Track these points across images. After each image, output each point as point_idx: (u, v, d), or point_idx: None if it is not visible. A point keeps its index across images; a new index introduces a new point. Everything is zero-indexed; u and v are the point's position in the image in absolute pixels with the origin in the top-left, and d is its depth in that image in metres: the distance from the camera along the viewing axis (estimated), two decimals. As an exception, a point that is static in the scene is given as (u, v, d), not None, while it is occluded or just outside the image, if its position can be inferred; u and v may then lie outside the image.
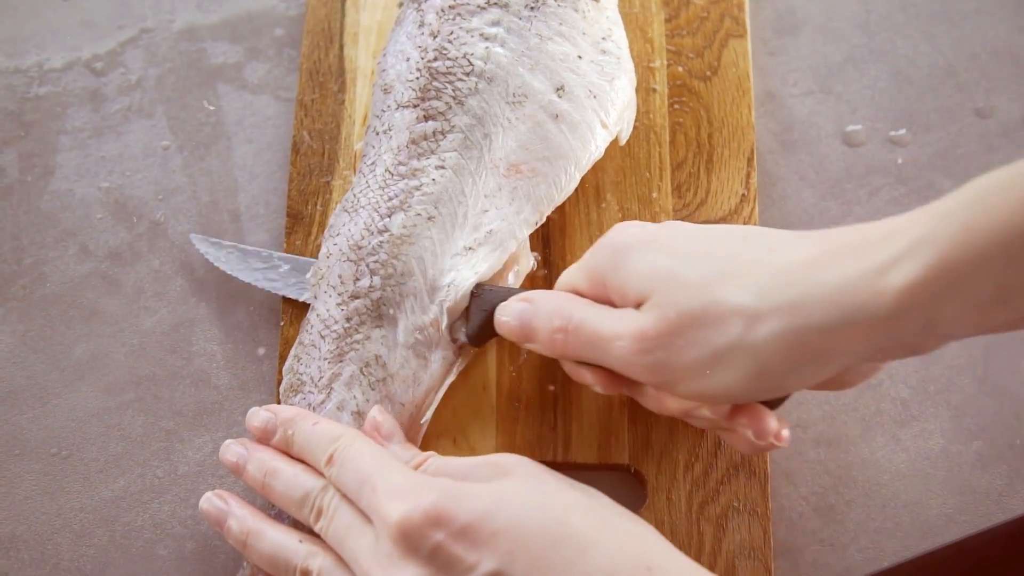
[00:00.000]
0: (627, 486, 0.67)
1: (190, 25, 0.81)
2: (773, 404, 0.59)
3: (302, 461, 0.61)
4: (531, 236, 0.68)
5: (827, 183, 0.76)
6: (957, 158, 0.77)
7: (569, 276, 0.63)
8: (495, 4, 0.68)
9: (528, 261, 0.68)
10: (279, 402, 0.66)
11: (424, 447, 0.66)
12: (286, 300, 0.70)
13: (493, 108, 0.66)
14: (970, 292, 0.48)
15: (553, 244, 0.71)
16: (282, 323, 0.70)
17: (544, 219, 0.67)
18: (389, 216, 0.65)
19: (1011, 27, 0.81)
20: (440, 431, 0.66)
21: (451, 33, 0.67)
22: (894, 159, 0.77)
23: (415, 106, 0.67)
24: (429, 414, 0.65)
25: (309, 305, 0.67)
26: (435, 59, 0.67)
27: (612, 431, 0.67)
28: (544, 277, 0.70)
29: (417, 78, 0.67)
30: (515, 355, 0.68)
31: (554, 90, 0.67)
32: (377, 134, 0.68)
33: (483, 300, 0.64)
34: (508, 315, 0.62)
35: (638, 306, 0.57)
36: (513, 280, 0.67)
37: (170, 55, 0.80)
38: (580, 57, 0.68)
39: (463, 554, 0.52)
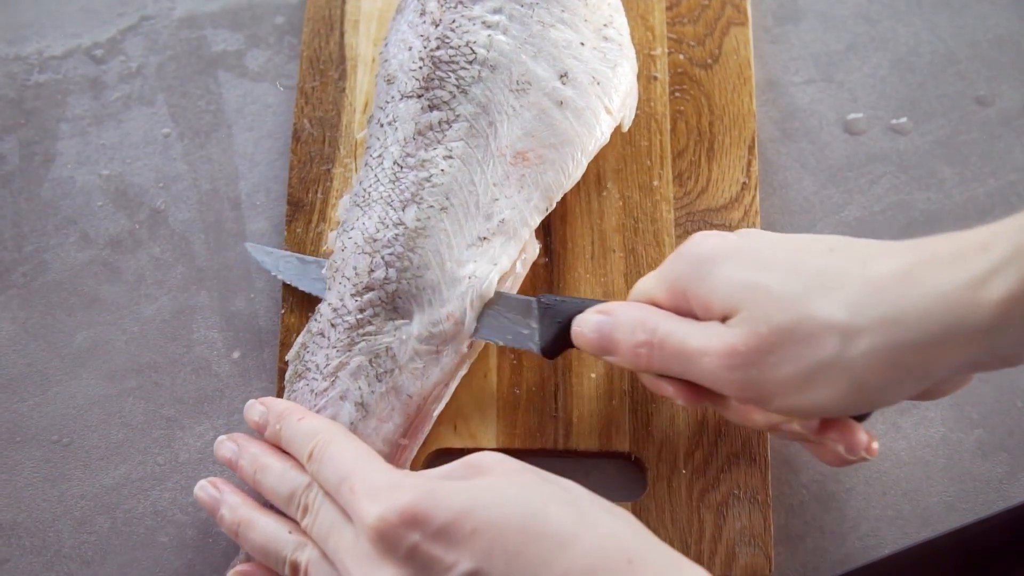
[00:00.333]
0: (628, 474, 0.67)
1: (190, 13, 0.81)
2: (860, 416, 0.59)
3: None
4: (532, 224, 0.68)
5: (828, 171, 0.76)
6: (958, 146, 0.76)
7: (646, 286, 0.61)
8: (496, -9, 0.68)
9: (535, 247, 0.68)
10: (281, 388, 0.66)
11: (427, 435, 0.66)
12: (286, 287, 0.70)
13: (497, 96, 0.66)
14: None
15: (555, 232, 0.71)
16: (283, 311, 0.70)
17: (554, 205, 0.67)
18: (403, 209, 0.65)
19: (1012, 15, 0.81)
20: (441, 418, 0.66)
21: (453, 21, 0.67)
22: (895, 147, 0.77)
23: (419, 96, 0.67)
24: (441, 406, 0.65)
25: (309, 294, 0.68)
26: (438, 48, 0.67)
27: (613, 419, 0.67)
28: (545, 265, 0.70)
29: (420, 67, 0.67)
30: (516, 343, 0.68)
31: (558, 77, 0.67)
32: (382, 125, 0.68)
33: (556, 311, 0.63)
34: (586, 327, 0.61)
35: (724, 319, 0.56)
36: (521, 268, 0.67)
37: (170, 43, 0.80)
38: (583, 44, 0.68)
39: (441, 554, 0.51)
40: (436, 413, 0.65)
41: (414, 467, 0.66)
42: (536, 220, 0.67)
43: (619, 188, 0.72)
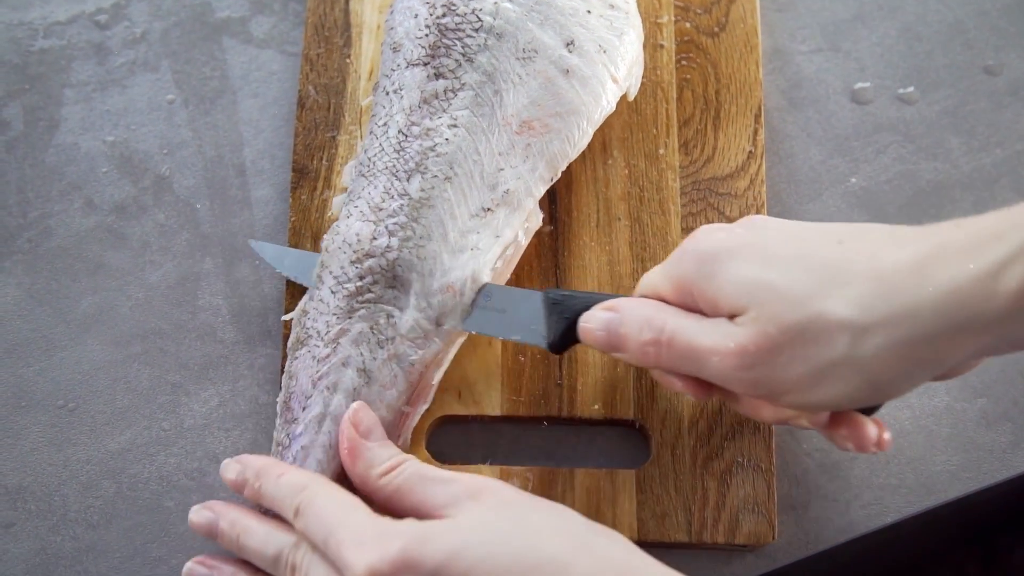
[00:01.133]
0: (632, 441, 0.68)
1: (195, -22, 0.81)
2: (869, 409, 0.58)
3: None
4: (537, 192, 0.68)
5: (835, 140, 0.76)
6: (966, 115, 0.76)
7: (652, 280, 0.60)
8: (503, -42, 0.67)
9: (538, 217, 0.68)
10: (285, 355, 0.66)
11: (432, 403, 0.66)
12: (291, 254, 0.70)
13: (503, 64, 0.66)
14: None
15: (560, 201, 0.71)
16: (287, 277, 0.70)
17: (559, 175, 0.67)
18: (407, 180, 0.65)
19: (1021, -16, 0.80)
20: (445, 386, 0.66)
21: (459, -12, 0.67)
22: (902, 116, 0.76)
23: (425, 64, 0.66)
24: (440, 374, 0.65)
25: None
26: (444, 15, 0.66)
27: (617, 386, 0.67)
28: (551, 234, 0.70)
29: (426, 35, 0.67)
30: (521, 311, 0.68)
31: (564, 45, 0.66)
32: (387, 94, 0.68)
33: (563, 307, 0.62)
34: (594, 324, 0.60)
35: (731, 317, 0.55)
36: (523, 237, 0.67)
37: (175, 8, 0.79)
38: (589, 12, 0.67)
39: None
40: (436, 380, 0.65)
41: (417, 435, 0.66)
42: (540, 191, 0.66)
43: (625, 156, 0.72)
